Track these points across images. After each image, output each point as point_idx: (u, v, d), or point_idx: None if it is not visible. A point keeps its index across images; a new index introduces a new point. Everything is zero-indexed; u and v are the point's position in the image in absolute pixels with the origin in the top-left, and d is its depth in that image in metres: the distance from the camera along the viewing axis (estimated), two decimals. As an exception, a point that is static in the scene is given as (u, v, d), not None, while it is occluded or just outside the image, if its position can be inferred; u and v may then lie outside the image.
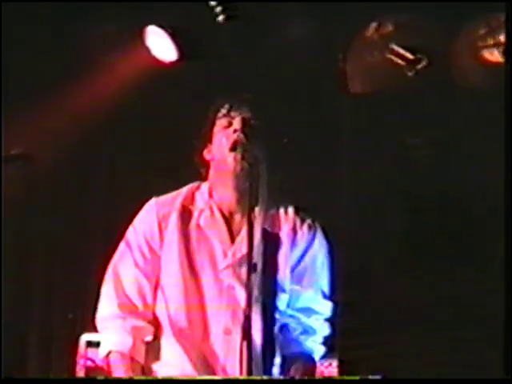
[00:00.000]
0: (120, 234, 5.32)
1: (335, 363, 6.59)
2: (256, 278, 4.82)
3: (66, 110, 7.90)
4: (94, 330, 5.45)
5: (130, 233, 5.28)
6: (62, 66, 8.01)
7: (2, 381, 3.68)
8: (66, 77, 7.93)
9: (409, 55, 7.80)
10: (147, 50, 7.73)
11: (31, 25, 8.04)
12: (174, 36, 7.73)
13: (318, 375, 5.62)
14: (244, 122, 5.09)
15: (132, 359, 5.14)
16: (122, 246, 5.26)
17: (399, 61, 7.83)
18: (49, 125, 7.71)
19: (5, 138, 7.41)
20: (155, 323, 5.23)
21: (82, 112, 7.84)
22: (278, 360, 5.13)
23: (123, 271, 5.23)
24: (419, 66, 7.72)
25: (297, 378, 5.16)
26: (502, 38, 7.86)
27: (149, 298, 5.23)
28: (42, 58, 8.03)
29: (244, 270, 4.79)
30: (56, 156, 7.68)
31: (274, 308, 5.08)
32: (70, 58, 7.86)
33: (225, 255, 5.15)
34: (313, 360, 5.23)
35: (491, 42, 7.90)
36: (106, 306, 5.21)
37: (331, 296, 5.32)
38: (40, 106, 7.88)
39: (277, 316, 5.16)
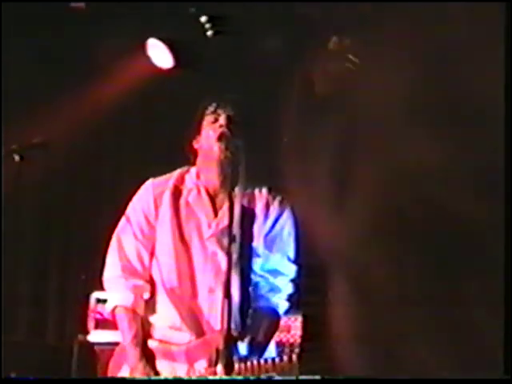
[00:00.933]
0: (122, 210, 5.36)
1: (300, 318, 6.61)
2: (235, 246, 4.84)
3: (78, 107, 7.97)
4: (102, 289, 5.47)
5: (130, 209, 5.36)
6: (76, 69, 8.01)
7: (1, 381, 3.52)
8: (78, 79, 7.95)
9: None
10: (148, 58, 7.79)
11: (44, 36, 8.01)
12: (170, 47, 7.77)
13: (284, 328, 5.61)
14: (228, 118, 5.14)
15: (134, 312, 5.21)
16: (123, 219, 5.35)
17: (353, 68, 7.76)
18: (63, 119, 7.70)
19: (25, 129, 7.17)
20: (152, 283, 5.27)
21: (92, 109, 7.86)
22: (250, 311, 5.12)
23: (125, 241, 5.31)
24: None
25: (263, 328, 5.17)
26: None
27: (146, 263, 5.28)
28: (57, 64, 8.03)
29: (225, 239, 4.83)
30: (69, 144, 7.70)
31: (250, 270, 5.10)
32: (83, 65, 7.84)
33: (209, 227, 5.21)
34: (277, 314, 5.27)
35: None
36: (111, 269, 5.31)
37: (296, 260, 5.33)
38: (56, 103, 7.86)
39: (251, 276, 5.17)
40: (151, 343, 5.20)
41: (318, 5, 7.66)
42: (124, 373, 5.26)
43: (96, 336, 6.81)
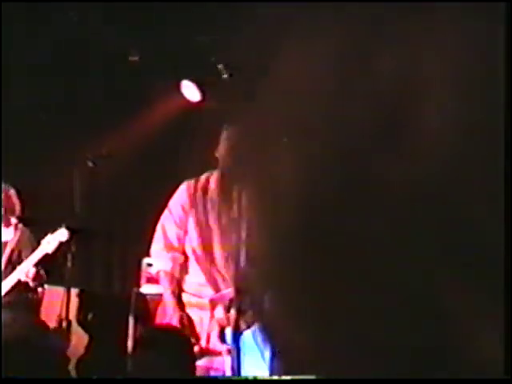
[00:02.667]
0: (165, 203, 5.45)
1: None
2: (243, 228, 4.99)
3: (132, 128, 7.72)
4: (150, 256, 5.58)
5: (171, 202, 5.44)
6: (129, 99, 7.67)
7: (2, 381, 3.37)
8: (132, 107, 7.66)
9: None
10: (182, 94, 7.91)
11: (108, 82, 7.65)
12: (198, 86, 7.76)
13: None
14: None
15: (172, 274, 5.35)
16: (166, 210, 5.43)
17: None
18: (123, 135, 7.67)
19: (95, 142, 7.14)
20: (185, 254, 5.37)
21: (141, 130, 7.74)
22: None
23: (167, 226, 5.40)
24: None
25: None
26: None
27: (181, 240, 5.37)
28: (118, 99, 7.71)
29: (238, 223, 4.83)
30: (128, 156, 7.50)
31: None
32: (137, 97, 7.67)
33: (226, 214, 5.25)
34: None
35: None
36: (157, 244, 5.42)
37: None
38: (118, 124, 7.60)
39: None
40: (184, 296, 5.31)
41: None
42: (166, 318, 5.33)
43: (146, 289, 6.85)
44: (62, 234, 6.38)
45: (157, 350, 4.03)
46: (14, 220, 6.82)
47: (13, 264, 6.70)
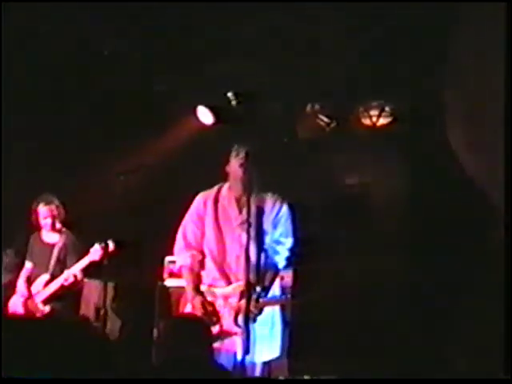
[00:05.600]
0: (185, 209, 5.40)
1: (291, 272, 6.02)
2: (252, 229, 4.97)
3: (157, 146, 7.69)
4: (172, 255, 5.63)
5: (190, 211, 5.38)
6: (154, 125, 7.56)
7: (2, 381, 3.31)
8: (155, 130, 7.59)
9: (325, 120, 7.29)
10: (197, 118, 7.62)
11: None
12: (212, 110, 7.76)
13: (282, 277, 5.49)
14: (246, 154, 5.11)
15: (191, 269, 5.29)
16: (186, 216, 5.38)
17: (322, 123, 7.33)
18: (147, 155, 7.54)
19: (125, 159, 7.17)
20: (202, 252, 5.32)
21: (164, 148, 7.68)
22: (261, 268, 5.08)
23: (188, 230, 5.35)
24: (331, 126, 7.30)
25: (268, 277, 5.14)
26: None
27: (199, 240, 5.32)
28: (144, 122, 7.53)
29: (245, 226, 4.94)
30: (152, 171, 7.31)
31: (262, 243, 5.14)
32: (159, 119, 7.58)
33: (236, 219, 5.24)
34: (277, 268, 5.25)
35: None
36: (179, 244, 5.38)
37: (290, 235, 5.28)
38: (144, 143, 7.57)
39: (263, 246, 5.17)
40: (202, 287, 5.26)
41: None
42: (187, 306, 5.25)
43: (169, 282, 6.75)
44: (110, 246, 6.39)
45: (179, 334, 4.02)
46: (59, 226, 6.88)
47: (60, 264, 6.77)
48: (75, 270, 6.60)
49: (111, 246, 6.39)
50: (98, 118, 7.68)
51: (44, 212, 6.79)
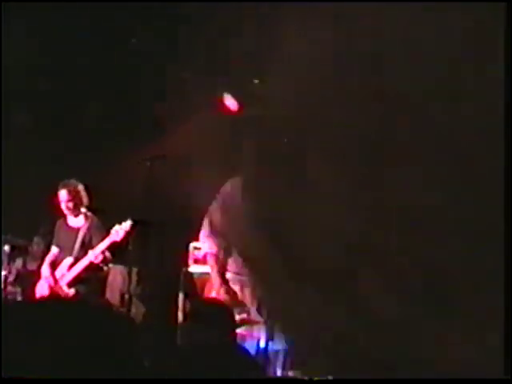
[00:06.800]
0: (211, 197, 5.46)
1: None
2: None
3: (182, 132, 7.81)
4: (197, 241, 5.72)
5: (216, 197, 5.42)
6: (180, 111, 7.34)
7: (2, 381, 3.07)
8: (180, 117, 7.35)
9: None
10: (225, 104, 7.73)
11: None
12: (236, 98, 7.73)
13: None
14: None
15: (216, 256, 5.36)
16: (213, 204, 5.44)
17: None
18: (173, 141, 7.67)
19: (151, 145, 7.08)
20: (227, 240, 5.36)
21: (190, 135, 7.79)
22: None
23: (214, 216, 5.42)
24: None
25: None
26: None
27: (224, 228, 5.37)
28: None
29: None
30: (178, 157, 7.19)
31: None
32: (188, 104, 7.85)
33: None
34: None
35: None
36: (204, 231, 5.45)
37: None
38: (170, 129, 7.34)
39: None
40: (227, 274, 5.31)
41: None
42: (212, 292, 5.34)
43: (194, 268, 6.85)
44: (127, 225, 6.44)
45: (203, 319, 4.02)
46: (83, 210, 6.92)
47: (85, 247, 6.84)
48: (97, 251, 6.65)
49: (131, 226, 6.42)
50: (124, 105, 7.71)
51: (64, 196, 6.86)
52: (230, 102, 7.74)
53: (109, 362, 3.08)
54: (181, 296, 6.68)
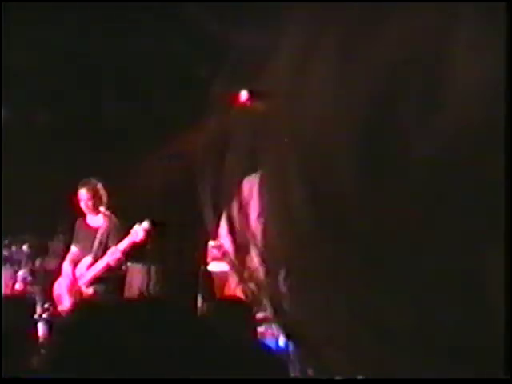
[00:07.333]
0: (229, 195, 5.44)
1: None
2: None
3: (199, 131, 7.77)
4: (216, 239, 5.70)
5: (235, 195, 5.37)
6: (195, 110, 7.75)
7: (2, 381, 2.97)
8: (195, 115, 7.63)
9: None
10: (242, 100, 7.66)
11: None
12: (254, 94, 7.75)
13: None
14: None
15: (234, 254, 5.32)
16: (232, 201, 5.41)
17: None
18: (190, 139, 7.67)
19: (169, 144, 7.35)
20: (246, 238, 5.40)
21: (206, 133, 7.69)
22: None
23: (231, 217, 5.37)
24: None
25: None
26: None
27: (243, 226, 5.40)
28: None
29: None
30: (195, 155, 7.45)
31: None
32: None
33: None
34: None
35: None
36: (223, 229, 5.41)
37: None
38: (186, 128, 7.72)
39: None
40: (245, 272, 5.34)
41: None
42: (231, 290, 5.36)
43: (213, 266, 6.86)
44: (147, 225, 6.45)
45: (222, 317, 4.01)
46: (102, 209, 6.92)
47: (103, 246, 6.86)
48: (116, 251, 6.67)
49: (150, 226, 6.42)
50: (140, 104, 7.77)
51: (84, 195, 6.88)
52: (247, 98, 7.75)
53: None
54: (199, 294, 6.68)
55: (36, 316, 5.43)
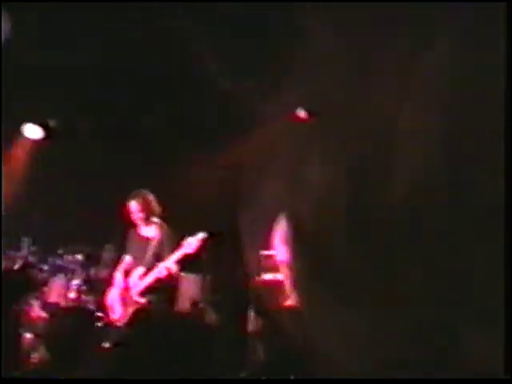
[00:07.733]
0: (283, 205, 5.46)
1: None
2: None
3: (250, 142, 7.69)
4: (269, 249, 5.75)
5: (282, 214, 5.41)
6: (245, 124, 7.53)
7: (1, 381, 2.95)
8: (246, 128, 7.53)
9: None
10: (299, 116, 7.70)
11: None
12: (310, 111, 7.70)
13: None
14: None
15: (288, 263, 5.39)
16: (285, 212, 5.43)
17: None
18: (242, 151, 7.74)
19: (221, 154, 7.32)
20: None
21: (257, 146, 7.50)
22: None
23: (285, 225, 5.41)
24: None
25: None
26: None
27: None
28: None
29: None
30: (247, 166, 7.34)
31: None
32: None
33: None
34: None
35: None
36: (277, 239, 5.47)
37: None
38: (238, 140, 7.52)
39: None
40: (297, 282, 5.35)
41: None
42: (285, 298, 5.35)
43: (266, 276, 6.79)
44: (200, 237, 6.47)
45: (275, 323, 4.04)
46: (155, 219, 6.96)
47: (156, 256, 6.86)
48: (169, 262, 6.67)
49: (206, 236, 6.43)
50: (191, 117, 7.79)
51: (134, 207, 6.91)
52: (303, 115, 7.72)
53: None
54: (253, 303, 6.67)
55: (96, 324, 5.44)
